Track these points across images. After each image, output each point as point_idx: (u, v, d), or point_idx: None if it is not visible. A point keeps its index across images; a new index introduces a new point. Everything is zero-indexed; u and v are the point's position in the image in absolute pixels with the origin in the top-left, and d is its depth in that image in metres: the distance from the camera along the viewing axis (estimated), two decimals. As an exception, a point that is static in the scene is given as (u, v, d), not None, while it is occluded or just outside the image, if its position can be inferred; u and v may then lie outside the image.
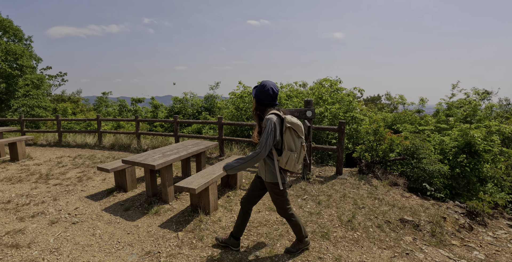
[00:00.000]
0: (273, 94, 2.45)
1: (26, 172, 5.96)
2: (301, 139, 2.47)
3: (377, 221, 3.74)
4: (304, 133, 2.42)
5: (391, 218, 3.86)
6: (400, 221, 3.82)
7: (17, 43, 15.73)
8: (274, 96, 2.47)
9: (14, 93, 14.28)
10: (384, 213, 3.98)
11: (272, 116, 2.39)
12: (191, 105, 13.29)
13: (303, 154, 2.51)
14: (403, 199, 4.71)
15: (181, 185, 3.37)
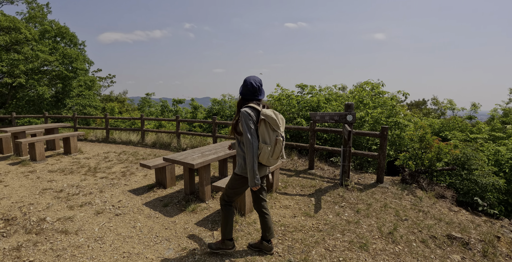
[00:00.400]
0: (252, 89, 2.49)
1: (77, 165, 6.43)
2: (276, 132, 2.44)
3: (421, 236, 3.49)
4: (279, 127, 2.43)
5: (437, 233, 3.59)
6: (447, 237, 3.54)
7: (72, 48, 17.18)
8: (254, 90, 2.50)
9: (69, 93, 15.60)
10: (429, 227, 3.71)
11: (246, 109, 2.45)
12: (228, 107, 13.53)
13: (279, 149, 2.44)
14: (450, 213, 4.36)
15: (218, 185, 3.41)
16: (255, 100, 2.54)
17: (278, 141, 2.43)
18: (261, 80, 2.57)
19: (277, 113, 2.50)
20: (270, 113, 2.41)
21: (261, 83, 2.56)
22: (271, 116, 2.40)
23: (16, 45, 13.07)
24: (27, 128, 7.55)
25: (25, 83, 13.35)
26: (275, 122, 2.41)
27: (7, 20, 12.39)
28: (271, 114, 2.41)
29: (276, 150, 2.44)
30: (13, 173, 5.84)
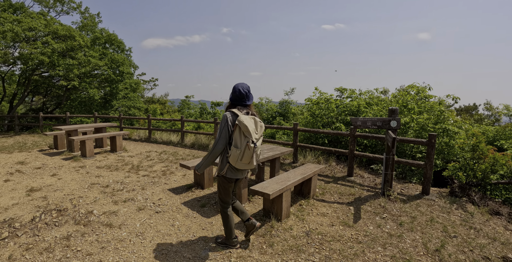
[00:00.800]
0: (239, 95, 2.65)
1: (121, 162, 6.80)
2: (247, 138, 2.54)
3: (473, 256, 3.19)
4: (251, 134, 2.53)
5: (490, 254, 3.26)
6: (502, 259, 3.19)
7: (120, 53, 18.35)
8: (241, 97, 2.66)
9: (116, 95, 16.65)
10: (481, 247, 3.38)
11: (227, 113, 2.64)
12: (265, 110, 13.57)
13: (249, 154, 2.55)
14: (507, 232, 3.95)
15: (256, 189, 3.40)
16: (241, 106, 2.70)
17: (248, 147, 2.53)
18: (248, 87, 2.72)
19: (257, 121, 2.64)
20: (243, 120, 2.51)
21: (248, 90, 2.71)
22: (243, 123, 2.49)
23: (71, 52, 14.24)
24: (79, 127, 8.16)
25: (78, 86, 14.49)
26: (247, 129, 2.50)
27: (63, 29, 13.55)
28: (243, 121, 2.50)
29: (245, 155, 2.55)
30: (66, 167, 6.32)
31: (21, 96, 16.06)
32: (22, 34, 12.22)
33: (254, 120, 2.61)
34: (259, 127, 2.63)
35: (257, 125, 2.62)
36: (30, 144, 9.65)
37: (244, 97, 2.67)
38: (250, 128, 2.51)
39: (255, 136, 2.57)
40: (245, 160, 2.58)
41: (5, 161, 6.98)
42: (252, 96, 2.76)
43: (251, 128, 2.53)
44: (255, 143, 2.56)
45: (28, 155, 7.77)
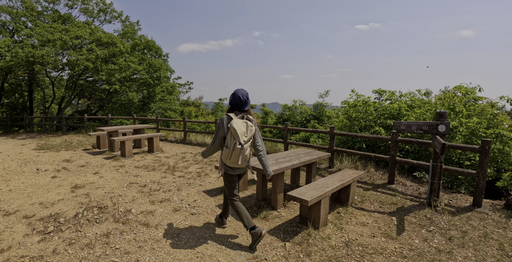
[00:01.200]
0: (239, 101, 2.94)
1: (158, 163, 6.97)
2: (235, 140, 2.82)
3: (541, 277, 2.82)
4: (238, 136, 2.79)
5: None
6: None
7: (157, 59, 19.11)
8: (241, 103, 2.94)
9: (154, 98, 17.33)
10: (550, 267, 2.99)
11: (224, 116, 2.96)
12: (299, 112, 13.37)
13: (236, 153, 2.83)
14: None
15: (293, 195, 3.28)
16: (238, 111, 2.98)
17: (235, 148, 2.82)
18: (247, 94, 3.00)
19: (249, 125, 2.88)
20: (233, 123, 2.81)
21: (247, 97, 2.98)
22: (233, 126, 2.80)
23: (112, 57, 15.04)
24: (119, 128, 8.52)
25: (119, 89, 15.25)
26: (235, 132, 2.79)
27: (106, 37, 14.38)
28: (233, 125, 2.80)
29: (233, 154, 2.84)
30: (106, 166, 6.59)
31: (68, 99, 17.23)
32: (69, 42, 13.12)
33: (246, 124, 2.87)
34: (249, 130, 2.87)
35: (247, 129, 2.86)
36: (76, 143, 10.26)
37: (243, 103, 2.96)
38: (239, 131, 2.79)
39: (243, 139, 2.83)
40: (233, 159, 2.87)
41: (53, 159, 7.46)
42: (249, 101, 3.04)
43: (240, 131, 2.80)
44: (242, 145, 2.81)
45: (73, 153, 8.25)
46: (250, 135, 2.89)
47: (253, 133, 2.92)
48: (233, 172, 3.03)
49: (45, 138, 12.56)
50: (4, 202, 4.37)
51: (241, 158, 2.85)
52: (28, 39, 14.83)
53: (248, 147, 2.91)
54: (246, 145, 2.85)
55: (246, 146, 2.86)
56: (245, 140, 2.84)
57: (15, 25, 16.59)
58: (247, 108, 3.02)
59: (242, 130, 2.82)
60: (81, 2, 18.38)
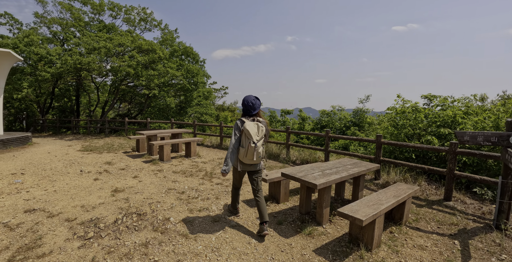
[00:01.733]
0: (248, 107, 3.36)
1: (195, 168, 6.91)
2: (249, 140, 3.25)
3: None
4: (251, 136, 3.23)
5: None
6: None
7: (194, 64, 19.53)
8: (249, 108, 3.36)
9: (190, 103, 17.66)
10: None
11: (237, 121, 3.38)
12: (338, 119, 12.83)
13: (251, 151, 3.24)
14: None
15: (345, 212, 2.95)
16: (248, 115, 3.41)
17: (250, 146, 3.24)
18: (254, 99, 3.37)
19: (259, 126, 3.31)
20: (246, 126, 3.25)
21: (253, 102, 3.36)
22: (246, 128, 3.24)
23: (152, 64, 15.54)
24: (158, 132, 8.64)
25: (158, 94, 15.69)
26: (248, 133, 3.23)
27: (146, 44, 14.92)
28: (246, 127, 3.25)
29: (248, 152, 3.26)
30: (145, 170, 6.64)
31: (111, 103, 18.07)
32: (113, 50, 13.75)
33: (257, 126, 3.31)
34: (260, 131, 3.31)
35: (258, 129, 3.31)
36: (117, 146, 10.61)
37: (250, 108, 3.37)
38: (252, 132, 3.25)
39: (256, 138, 3.27)
40: (249, 156, 3.30)
41: (96, 161, 7.69)
42: (258, 105, 3.40)
43: (253, 132, 3.25)
44: (256, 143, 3.25)
45: (114, 156, 8.48)
46: (262, 135, 3.34)
47: (264, 133, 3.36)
48: (244, 168, 3.47)
49: (89, 140, 13.19)
50: (49, 203, 4.46)
51: (255, 155, 3.28)
52: (76, 48, 15.82)
53: (261, 146, 3.33)
54: (258, 143, 3.29)
55: (259, 144, 3.30)
56: (258, 139, 3.29)
57: (65, 35, 17.81)
58: (256, 112, 3.43)
59: (254, 131, 3.27)
60: (124, 12, 19.36)
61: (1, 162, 7.56)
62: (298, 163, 7.92)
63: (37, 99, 21.39)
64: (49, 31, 18.18)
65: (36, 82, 15.75)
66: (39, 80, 15.46)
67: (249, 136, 3.24)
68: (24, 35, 15.57)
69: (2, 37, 16.88)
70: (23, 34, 15.72)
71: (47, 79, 15.02)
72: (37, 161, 7.72)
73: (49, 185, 5.46)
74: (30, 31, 16.79)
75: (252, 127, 3.27)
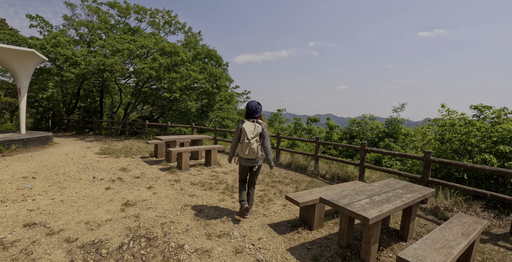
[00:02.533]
0: (252, 110, 3.94)
1: (215, 179, 6.35)
2: (244, 136, 3.86)
3: None
4: (246, 134, 3.83)
5: None
6: None
7: (217, 68, 19.16)
8: (253, 111, 3.94)
9: (212, 106, 17.27)
10: None
11: (239, 122, 4.03)
12: (370, 129, 11.88)
13: (245, 146, 3.84)
14: None
15: (409, 260, 2.24)
16: (250, 117, 3.97)
17: (244, 142, 3.84)
18: (256, 105, 3.95)
19: (256, 126, 3.85)
20: (243, 125, 3.88)
21: (255, 107, 3.93)
22: (243, 127, 3.87)
23: (175, 66, 15.31)
24: (177, 138, 8.17)
25: (179, 98, 15.39)
26: (244, 131, 3.85)
27: (169, 46, 14.70)
28: (243, 125, 3.88)
29: (243, 147, 3.86)
30: (161, 180, 6.14)
31: (133, 105, 18.01)
32: (136, 51, 13.59)
33: (254, 125, 3.86)
34: (255, 130, 3.84)
35: (254, 128, 3.84)
36: (135, 150, 10.28)
37: (253, 112, 3.93)
38: (247, 130, 3.82)
39: (250, 136, 3.81)
40: (243, 150, 3.86)
41: (111, 166, 7.30)
42: (260, 110, 4.00)
43: (248, 130, 3.82)
44: (249, 140, 3.79)
45: (131, 161, 8.09)
46: (256, 133, 3.83)
47: (259, 132, 3.85)
48: (244, 163, 4.01)
49: (109, 142, 13.01)
50: (52, 216, 4.01)
51: (248, 149, 3.82)
52: (101, 49, 15.89)
53: (255, 142, 3.82)
54: (252, 140, 3.81)
55: (253, 141, 3.81)
56: (252, 137, 3.82)
57: (91, 37, 18.01)
58: (258, 115, 4.00)
59: (250, 129, 3.84)
60: (149, 16, 19.39)
61: (17, 163, 7.33)
62: (328, 178, 7.19)
63: (63, 99, 21.86)
64: (76, 33, 18.48)
65: (62, 83, 15.92)
66: (64, 81, 15.61)
67: (245, 133, 3.84)
68: (51, 37, 15.80)
69: (32, 38, 17.27)
70: (50, 36, 15.96)
71: (71, 79, 15.11)
72: (52, 163, 7.44)
73: (57, 193, 5.05)
74: (57, 32, 17.09)
75: (249, 126, 3.85)
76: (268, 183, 6.34)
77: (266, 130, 3.96)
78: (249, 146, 3.79)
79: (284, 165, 8.45)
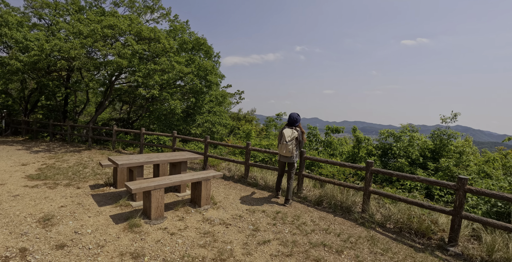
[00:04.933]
0: (293, 120, 5.32)
1: (210, 244, 3.55)
2: (283, 139, 5.22)
3: None
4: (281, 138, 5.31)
5: None
6: None
7: (208, 60, 16.00)
8: (293, 121, 5.31)
9: (200, 108, 14.19)
10: None
11: (281, 128, 5.38)
12: (414, 144, 9.00)
13: (283, 147, 5.21)
14: None
15: None
16: (291, 125, 5.33)
17: (283, 143, 5.21)
18: (297, 115, 5.39)
19: (293, 131, 5.24)
20: (284, 130, 5.27)
21: (296, 117, 5.35)
22: (283, 132, 5.27)
23: (155, 58, 12.28)
24: (146, 161, 5.17)
25: (158, 96, 12.35)
26: (283, 135, 5.23)
27: (148, 30, 11.70)
28: (283, 131, 5.27)
29: (282, 147, 5.24)
30: (107, 251, 3.26)
31: (100, 105, 14.92)
32: (99, 32, 10.51)
33: (291, 131, 5.23)
34: (292, 134, 5.20)
35: (292, 133, 5.21)
36: (89, 171, 7.29)
37: (294, 121, 5.31)
38: (286, 134, 5.20)
39: (288, 139, 5.17)
40: (281, 150, 5.28)
41: (31, 210, 4.36)
42: (299, 119, 5.37)
43: (287, 135, 5.20)
44: (287, 142, 5.16)
45: (72, 196, 5.16)
46: (293, 136, 5.18)
47: (295, 136, 5.20)
48: (282, 159, 5.45)
49: (61, 153, 9.93)
50: None
51: (285, 149, 5.19)
52: (60, 33, 12.79)
53: (291, 144, 5.18)
54: (289, 142, 5.16)
55: (289, 143, 5.16)
56: (289, 140, 5.16)
57: (51, 19, 14.85)
58: (297, 124, 5.36)
59: (288, 134, 5.20)
60: (128, 0, 16.28)
61: None
62: (392, 229, 4.51)
63: (20, 94, 18.43)
64: (34, 13, 15.20)
65: (8, 74, 12.68)
66: (10, 71, 12.39)
67: (283, 137, 5.20)
68: (-3, 14, 12.57)
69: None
70: (-4, 14, 12.71)
71: (18, 69, 11.93)
72: None
73: None
74: (6, 10, 13.83)
75: (288, 131, 5.23)
76: (303, 249, 3.54)
77: (301, 135, 5.35)
78: (286, 147, 5.18)
79: (312, 201, 5.65)
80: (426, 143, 8.95)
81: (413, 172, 8.19)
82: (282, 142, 5.16)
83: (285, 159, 5.35)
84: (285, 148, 5.13)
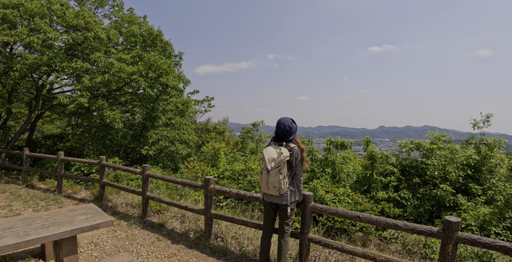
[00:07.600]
0: (278, 132, 3.30)
1: None
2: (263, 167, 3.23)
3: None
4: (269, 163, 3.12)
5: None
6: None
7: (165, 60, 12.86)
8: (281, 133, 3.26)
9: (154, 121, 11.09)
10: None
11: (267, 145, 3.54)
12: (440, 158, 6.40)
13: (262, 178, 3.19)
14: None
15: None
16: (279, 140, 3.31)
17: (262, 173, 3.22)
18: (290, 122, 3.26)
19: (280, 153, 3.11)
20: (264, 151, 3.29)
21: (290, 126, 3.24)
22: (263, 153, 3.28)
23: (89, 54, 9.35)
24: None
25: (92, 105, 9.40)
26: (263, 158, 3.22)
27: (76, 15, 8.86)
28: (263, 152, 3.29)
29: (261, 179, 3.24)
30: None
31: (26, 119, 11.80)
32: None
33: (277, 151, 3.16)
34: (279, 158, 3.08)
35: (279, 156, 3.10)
36: None
37: (285, 133, 3.24)
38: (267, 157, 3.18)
39: (270, 165, 3.13)
40: (261, 183, 3.27)
41: None
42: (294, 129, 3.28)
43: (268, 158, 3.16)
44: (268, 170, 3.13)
45: None
46: (280, 160, 3.04)
47: (284, 159, 3.05)
48: (266, 199, 3.33)
49: None
50: None
51: (268, 184, 3.11)
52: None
53: (277, 175, 3.05)
54: (272, 171, 3.08)
55: (273, 172, 3.07)
56: (272, 167, 3.08)
57: None
58: (291, 138, 3.25)
59: (271, 156, 3.12)
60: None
61: None
62: None
63: None
64: None
65: None
66: None
67: (264, 162, 3.16)
68: None
69: None
70: None
71: None
72: None
73: None
74: None
75: (271, 152, 3.16)
76: None
77: (298, 156, 3.22)
78: (268, 179, 3.10)
79: None
80: (471, 157, 6.53)
81: (457, 203, 5.81)
82: (263, 171, 3.16)
83: (272, 198, 3.26)
84: (267, 181, 3.08)
